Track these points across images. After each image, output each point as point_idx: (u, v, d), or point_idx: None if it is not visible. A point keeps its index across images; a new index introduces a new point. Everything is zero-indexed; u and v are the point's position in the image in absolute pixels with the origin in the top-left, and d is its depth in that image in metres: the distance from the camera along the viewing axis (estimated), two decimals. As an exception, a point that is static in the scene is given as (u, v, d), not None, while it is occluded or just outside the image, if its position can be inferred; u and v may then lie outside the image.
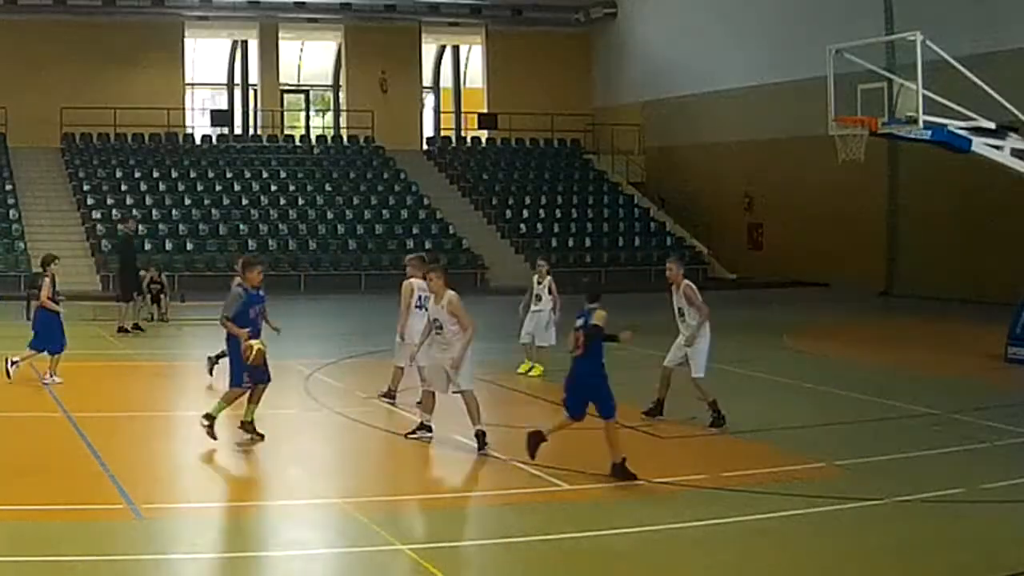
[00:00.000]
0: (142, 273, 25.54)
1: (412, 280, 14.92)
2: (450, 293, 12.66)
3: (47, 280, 16.57)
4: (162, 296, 25.69)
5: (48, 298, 16.51)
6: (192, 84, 44.53)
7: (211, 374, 16.43)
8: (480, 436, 12.42)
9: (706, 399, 13.94)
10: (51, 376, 16.30)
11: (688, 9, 41.58)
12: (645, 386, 14.68)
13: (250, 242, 35.78)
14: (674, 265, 14.34)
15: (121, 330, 22.93)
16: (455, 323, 12.61)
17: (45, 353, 16.48)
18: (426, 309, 14.54)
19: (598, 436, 13.77)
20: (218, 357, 15.82)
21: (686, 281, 14.19)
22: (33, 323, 16.81)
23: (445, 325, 12.65)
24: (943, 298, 29.61)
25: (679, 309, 14.21)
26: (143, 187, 37.86)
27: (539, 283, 18.40)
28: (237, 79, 45.81)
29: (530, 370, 18.02)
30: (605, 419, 11.38)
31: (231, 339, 12.87)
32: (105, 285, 32.12)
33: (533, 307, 18.30)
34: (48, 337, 16.46)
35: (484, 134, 45.97)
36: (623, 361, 17.70)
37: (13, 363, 16.40)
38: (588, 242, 39.08)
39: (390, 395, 15.39)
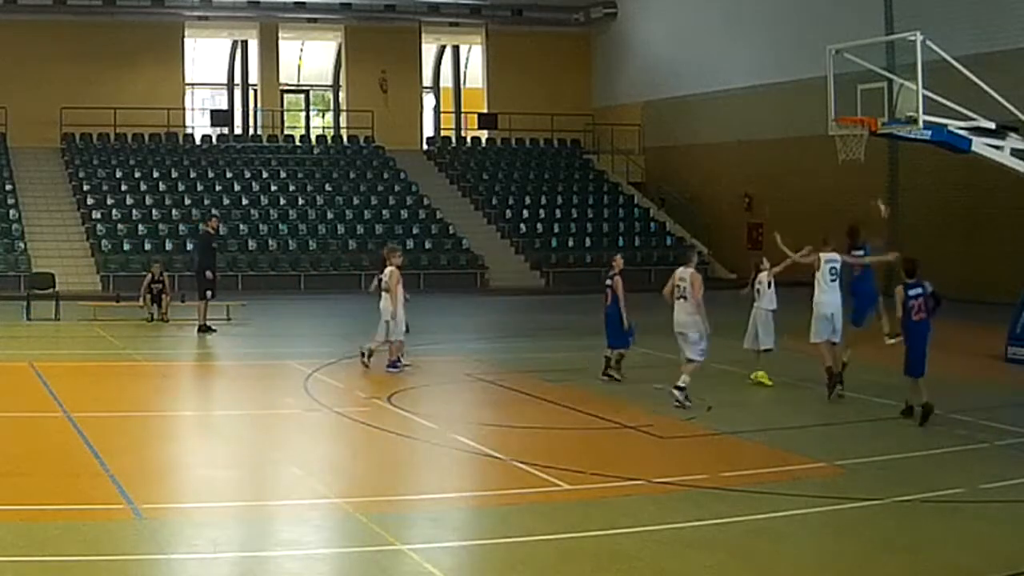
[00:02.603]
0: (147, 273, 25.86)
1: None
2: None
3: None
4: (163, 296, 25.71)
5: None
6: (192, 84, 44.50)
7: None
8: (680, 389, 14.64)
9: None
10: (402, 360, 18.11)
11: (688, 9, 41.57)
12: (644, 385, 14.62)
13: (250, 242, 35.81)
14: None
15: (202, 328, 23.37)
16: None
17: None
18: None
19: (598, 436, 13.80)
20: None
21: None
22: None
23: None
24: (943, 298, 29.56)
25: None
26: (143, 187, 37.85)
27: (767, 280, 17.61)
28: (237, 79, 45.79)
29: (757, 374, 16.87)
30: None
31: None
32: (105, 285, 32.17)
33: (757, 304, 17.74)
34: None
35: (484, 134, 45.94)
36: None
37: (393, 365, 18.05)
38: (588, 242, 39.01)
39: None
